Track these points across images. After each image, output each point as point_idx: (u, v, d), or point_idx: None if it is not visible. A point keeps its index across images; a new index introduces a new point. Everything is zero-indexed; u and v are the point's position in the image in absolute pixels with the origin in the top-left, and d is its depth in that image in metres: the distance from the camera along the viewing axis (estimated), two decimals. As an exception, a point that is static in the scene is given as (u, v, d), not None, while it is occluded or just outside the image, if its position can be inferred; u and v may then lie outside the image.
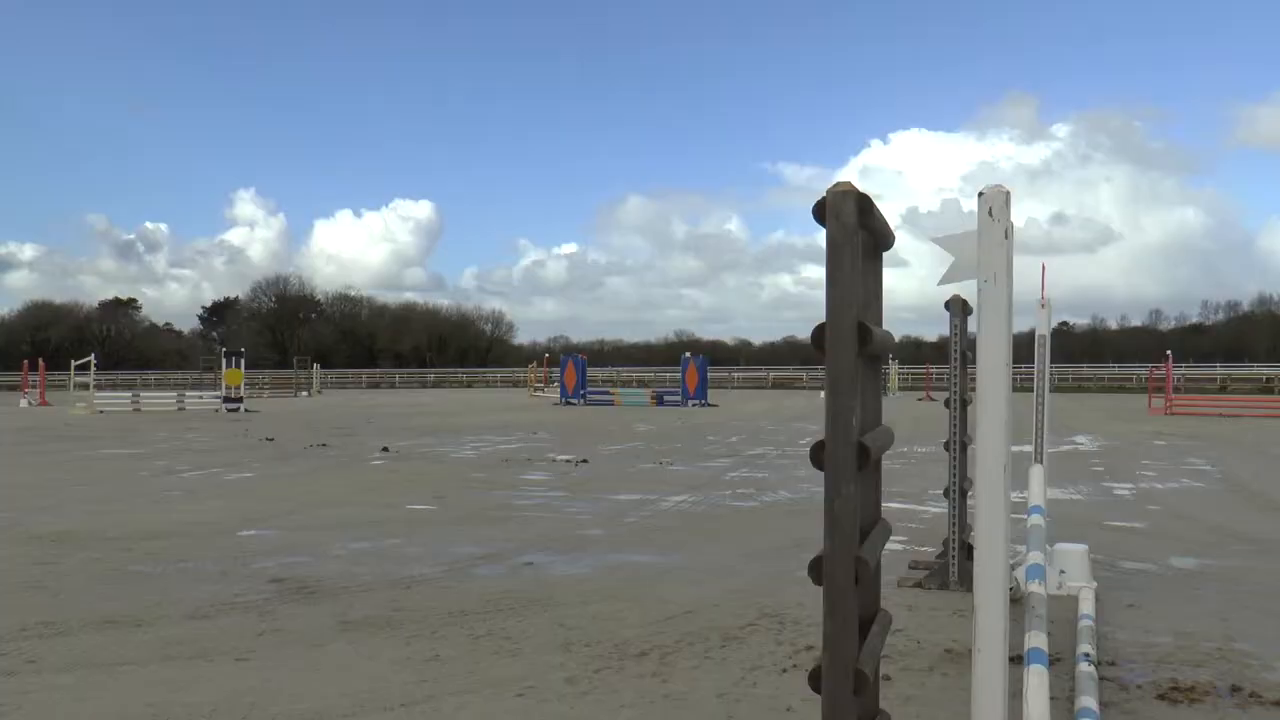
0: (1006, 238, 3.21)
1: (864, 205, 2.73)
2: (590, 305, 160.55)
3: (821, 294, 2.72)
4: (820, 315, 2.69)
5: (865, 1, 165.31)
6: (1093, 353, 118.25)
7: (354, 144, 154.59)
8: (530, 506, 12.09)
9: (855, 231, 2.72)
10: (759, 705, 5.03)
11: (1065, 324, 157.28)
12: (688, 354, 44.34)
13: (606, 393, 47.13)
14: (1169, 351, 42.92)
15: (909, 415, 31.62)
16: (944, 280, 3.65)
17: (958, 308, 8.09)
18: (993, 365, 3.14)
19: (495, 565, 8.59)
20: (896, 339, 3.90)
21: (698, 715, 4.93)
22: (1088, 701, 4.68)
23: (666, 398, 43.15)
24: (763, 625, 6.56)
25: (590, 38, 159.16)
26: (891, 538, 9.66)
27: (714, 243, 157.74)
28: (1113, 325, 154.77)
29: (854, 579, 2.72)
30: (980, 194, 3.26)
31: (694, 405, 40.69)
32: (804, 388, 67.28)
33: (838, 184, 2.76)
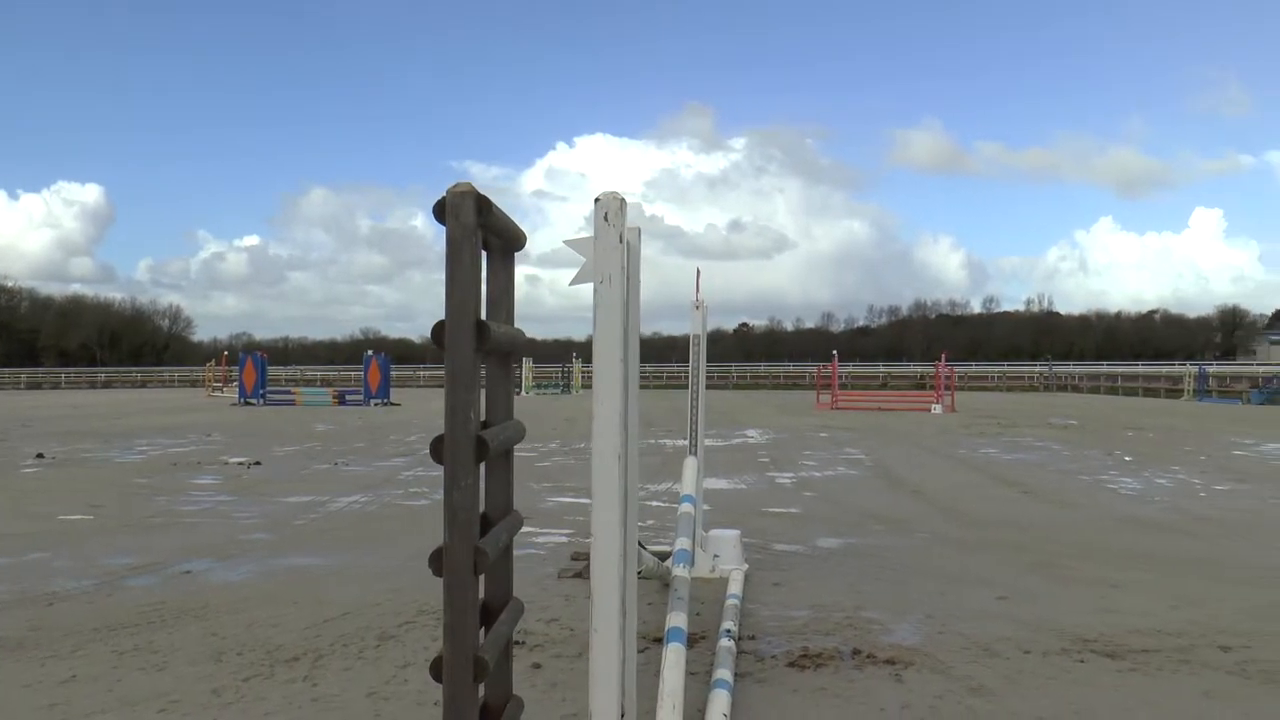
0: (621, 241, 3.33)
1: (483, 205, 2.80)
2: (274, 301, 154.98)
3: (521, 293, 2.78)
4: (518, 310, 2.74)
5: (553, 7, 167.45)
6: (770, 352, 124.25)
7: (8, 116, 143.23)
8: (195, 512, 11.57)
9: (474, 231, 2.78)
10: (407, 701, 5.05)
11: (745, 325, 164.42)
12: (370, 352, 43.61)
13: (288, 392, 45.72)
14: (835, 351, 45.66)
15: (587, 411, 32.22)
16: (574, 281, 3.75)
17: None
18: (608, 362, 3.26)
19: (150, 575, 8.18)
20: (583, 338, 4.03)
21: (345, 716, 4.89)
22: (723, 673, 4.97)
23: (349, 397, 42.31)
24: (420, 622, 6.57)
25: (274, 26, 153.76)
26: (559, 530, 9.92)
27: (399, 239, 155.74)
28: (788, 326, 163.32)
29: (473, 569, 2.79)
30: (597, 200, 3.36)
31: (376, 404, 40.07)
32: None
33: (457, 185, 2.81)
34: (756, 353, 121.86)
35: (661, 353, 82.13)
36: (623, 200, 3.36)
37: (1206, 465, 17.27)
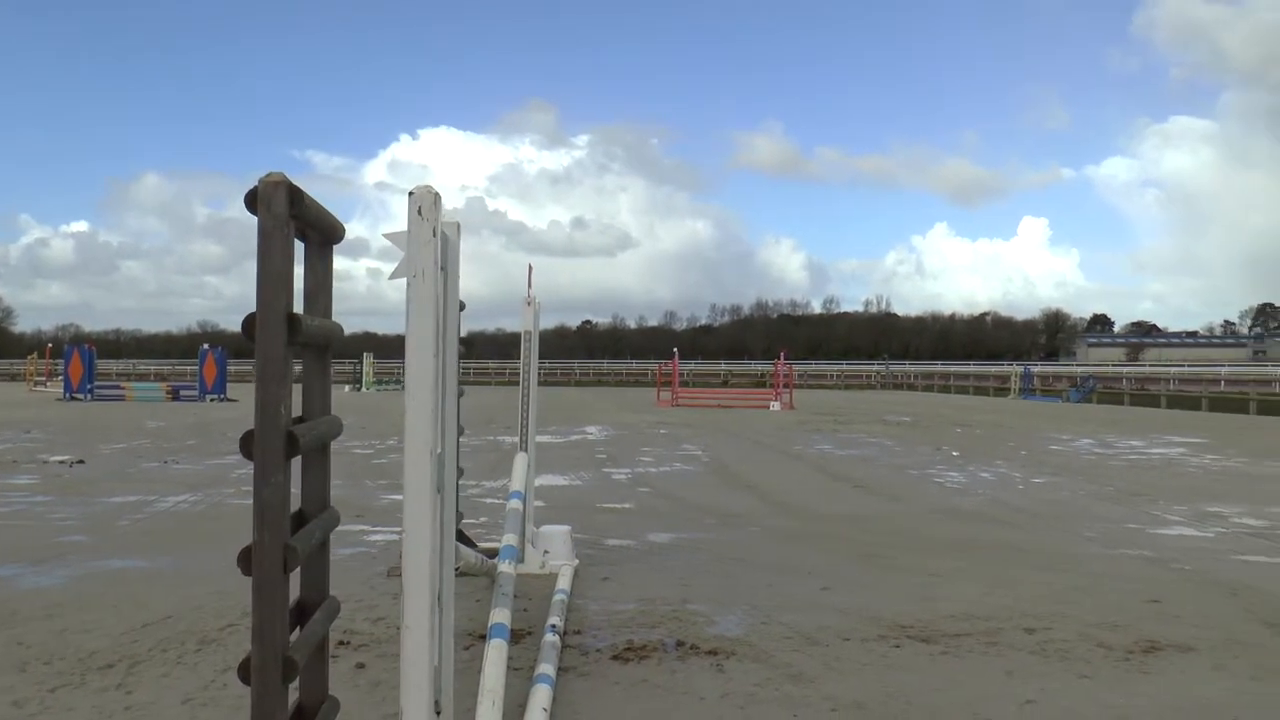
0: (435, 236, 3.30)
1: (295, 196, 2.76)
2: (104, 291, 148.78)
3: (364, 286, 2.72)
4: (361, 304, 2.69)
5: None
6: (614, 349, 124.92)
7: None
8: (6, 514, 11.05)
9: (286, 222, 2.74)
10: (225, 707, 4.92)
11: (589, 322, 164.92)
12: (206, 346, 42.29)
13: (118, 387, 44.02)
14: (675, 349, 46.16)
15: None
16: (394, 275, 3.71)
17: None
18: (420, 358, 3.24)
19: (-48, 585, 7.78)
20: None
21: (158, 723, 4.75)
22: (546, 668, 4.99)
23: (183, 393, 40.96)
24: (244, 625, 6.41)
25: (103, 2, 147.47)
26: (392, 528, 9.79)
27: (240, 229, 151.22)
28: (632, 324, 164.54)
29: (283, 567, 2.75)
30: (410, 193, 3.33)
31: (213, 400, 38.88)
32: (336, 381, 65.95)
33: (269, 175, 2.76)
34: (600, 350, 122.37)
35: (505, 349, 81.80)
36: (437, 194, 3.34)
37: (1026, 460, 18.04)
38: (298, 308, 2.87)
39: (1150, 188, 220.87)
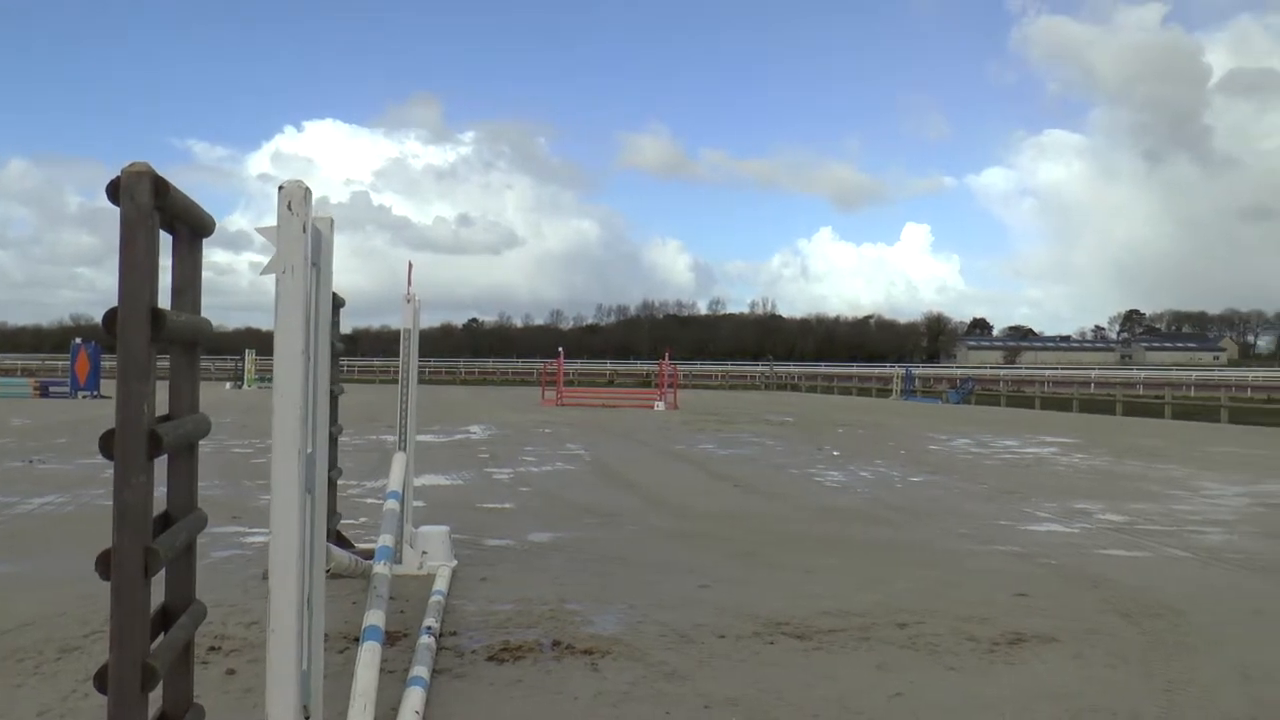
0: (305, 231, 3.25)
1: (160, 187, 2.69)
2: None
3: (247, 281, 2.65)
4: (245, 299, 2.62)
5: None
6: (500, 348, 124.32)
7: None
8: None
9: (150, 213, 2.67)
10: (84, 718, 4.77)
11: (475, 321, 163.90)
12: (79, 340, 40.89)
13: (-26, 383, 42.46)
14: (561, 348, 46.11)
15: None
16: (265, 271, 3.64)
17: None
18: (289, 356, 3.18)
19: None
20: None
21: (12, 735, 4.59)
22: (420, 670, 4.95)
23: (53, 388, 39.59)
24: (109, 632, 6.22)
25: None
26: (269, 530, 9.59)
27: (114, 219, 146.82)
28: (518, 323, 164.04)
29: (144, 571, 2.68)
30: (280, 188, 3.27)
31: (85, 396, 37.62)
32: (217, 378, 64.24)
33: (133, 164, 2.70)
34: (486, 348, 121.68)
35: (390, 346, 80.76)
36: (308, 190, 3.29)
37: (905, 459, 18.44)
38: (165, 302, 2.81)
39: (1027, 197, 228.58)
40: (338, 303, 8.11)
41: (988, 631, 6.24)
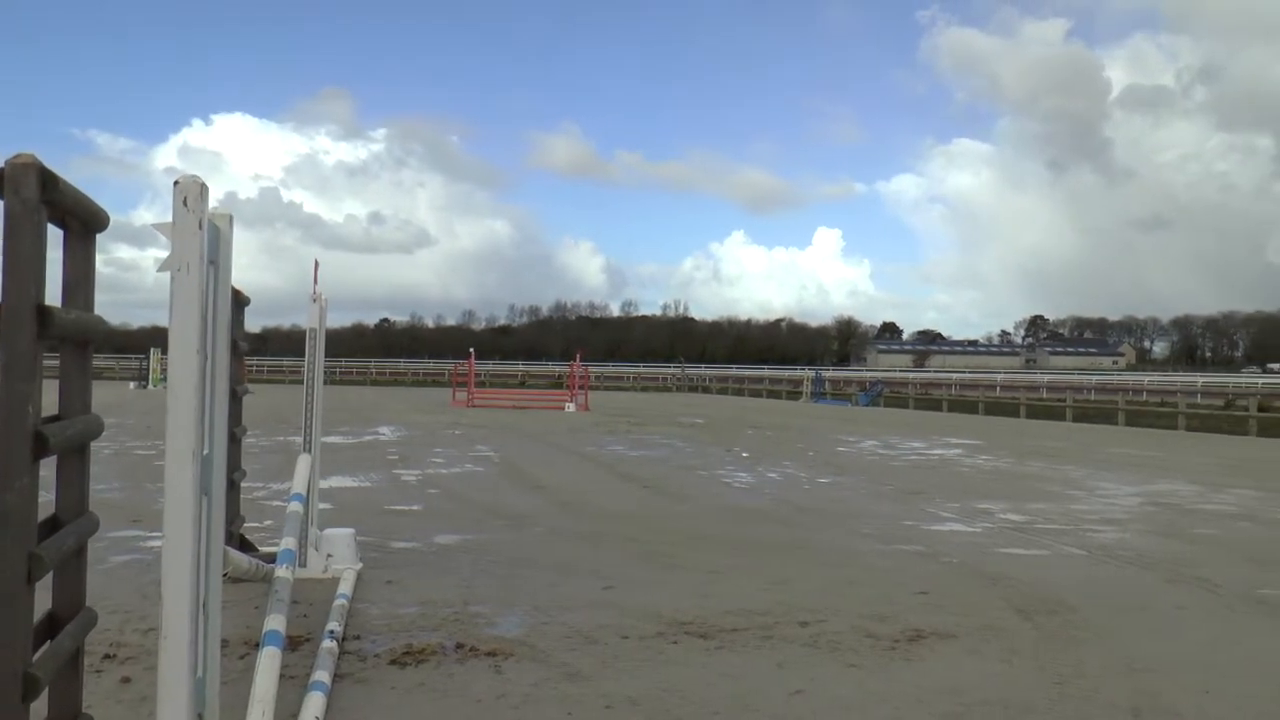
0: (201, 228, 3.20)
1: (48, 180, 2.63)
2: None
3: (153, 278, 2.59)
4: (150, 296, 2.56)
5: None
6: (411, 348, 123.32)
7: None
8: None
9: (37, 207, 2.62)
10: (-29, 722, 4.65)
11: (386, 320, 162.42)
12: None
13: None
14: (471, 349, 45.89)
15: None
16: (161, 268, 3.58)
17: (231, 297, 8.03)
18: (183, 355, 3.13)
19: None
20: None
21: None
22: (321, 675, 4.89)
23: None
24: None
25: None
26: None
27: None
28: (430, 323, 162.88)
29: (27, 577, 2.62)
30: (176, 183, 3.22)
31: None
32: (121, 378, 62.66)
33: (18, 155, 2.63)
34: (397, 349, 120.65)
35: (302, 346, 79.34)
36: (203, 185, 3.24)
37: (813, 460, 18.66)
38: (56, 299, 2.76)
39: (936, 204, 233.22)
40: (242, 301, 7.99)
41: (888, 629, 6.35)
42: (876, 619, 6.60)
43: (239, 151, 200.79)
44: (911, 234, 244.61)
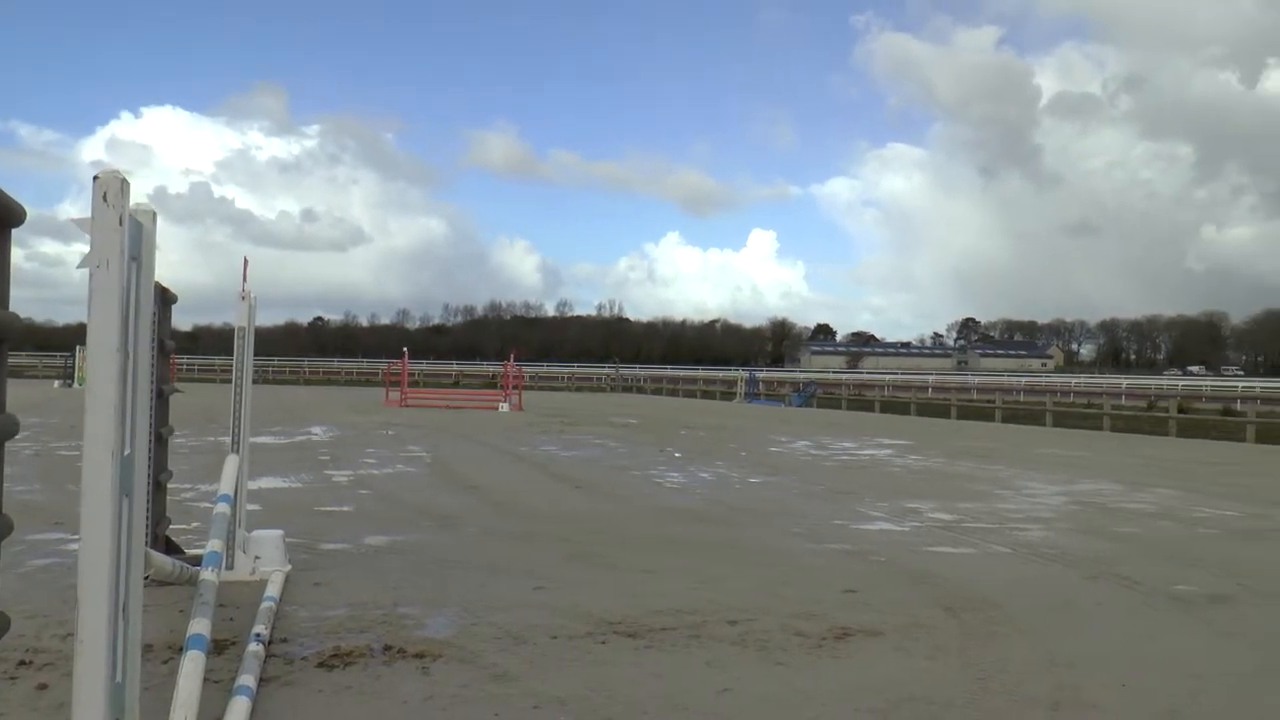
0: (122, 224, 3.16)
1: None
2: None
3: (79, 274, 2.54)
4: (76, 293, 2.51)
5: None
6: (345, 347, 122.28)
7: None
8: None
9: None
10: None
11: (320, 319, 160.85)
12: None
13: None
14: (405, 349, 45.60)
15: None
16: (81, 265, 3.52)
17: (156, 295, 7.90)
18: (102, 353, 3.09)
19: None
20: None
21: None
22: (246, 679, 4.84)
23: None
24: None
25: None
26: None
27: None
28: (364, 322, 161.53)
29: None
30: (95, 178, 3.17)
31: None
32: (45, 376, 61.36)
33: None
34: (331, 348, 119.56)
35: (233, 344, 78.58)
36: (124, 180, 3.19)
37: (746, 461, 18.77)
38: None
39: (870, 207, 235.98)
40: (169, 299, 7.88)
41: (816, 627, 6.41)
42: (805, 617, 6.66)
43: (169, 145, 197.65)
44: (845, 237, 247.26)
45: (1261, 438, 28.38)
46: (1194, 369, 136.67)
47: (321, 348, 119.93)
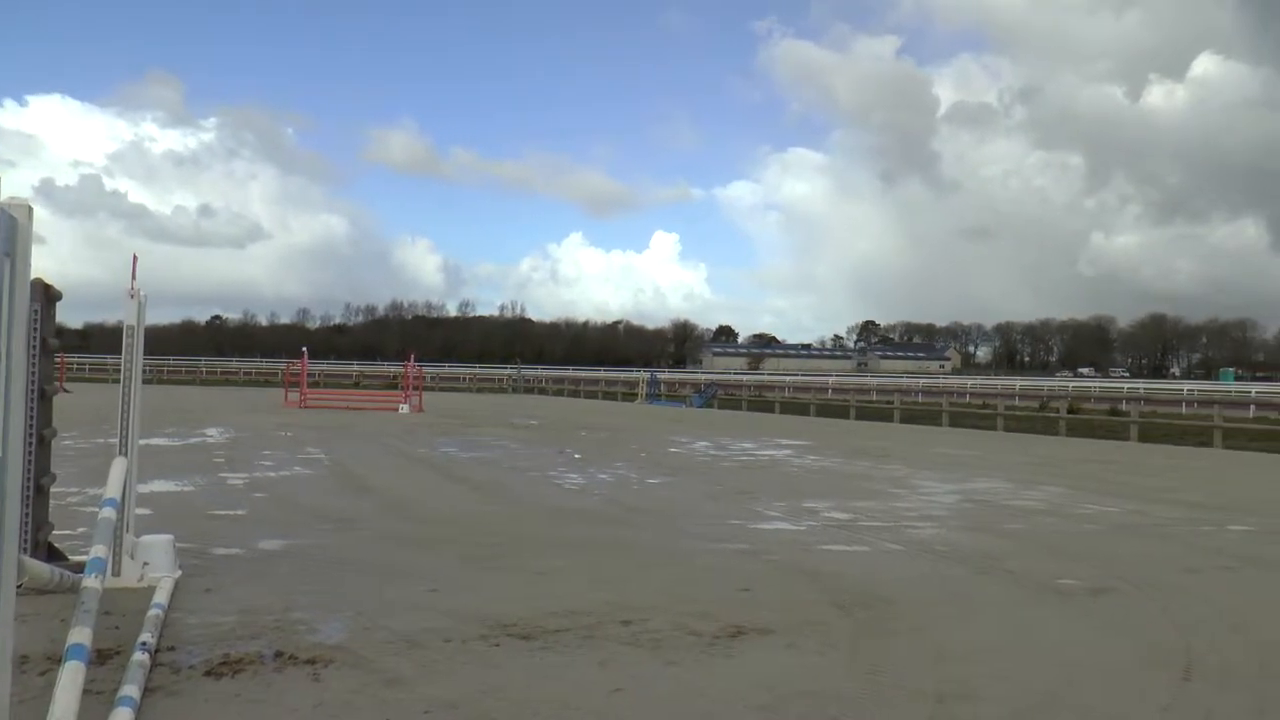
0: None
1: None
2: None
3: None
4: None
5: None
6: (243, 347, 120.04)
7: None
8: None
9: None
10: None
11: (218, 318, 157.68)
12: None
13: None
14: (305, 348, 44.96)
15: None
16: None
17: (38, 292, 7.69)
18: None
19: None
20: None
21: None
22: (130, 690, 4.73)
23: None
24: None
25: None
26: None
27: None
28: (263, 321, 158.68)
29: None
30: (-35, 174, 3.09)
31: None
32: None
33: None
34: (229, 347, 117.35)
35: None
36: (-6, 174, 3.10)
37: (645, 461, 18.85)
38: None
39: (772, 211, 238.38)
40: (52, 296, 7.69)
41: (709, 626, 6.47)
42: (698, 616, 6.72)
43: (57, 136, 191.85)
44: (748, 239, 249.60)
45: (1144, 437, 29.39)
46: (1084, 370, 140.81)
47: (219, 347, 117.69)
